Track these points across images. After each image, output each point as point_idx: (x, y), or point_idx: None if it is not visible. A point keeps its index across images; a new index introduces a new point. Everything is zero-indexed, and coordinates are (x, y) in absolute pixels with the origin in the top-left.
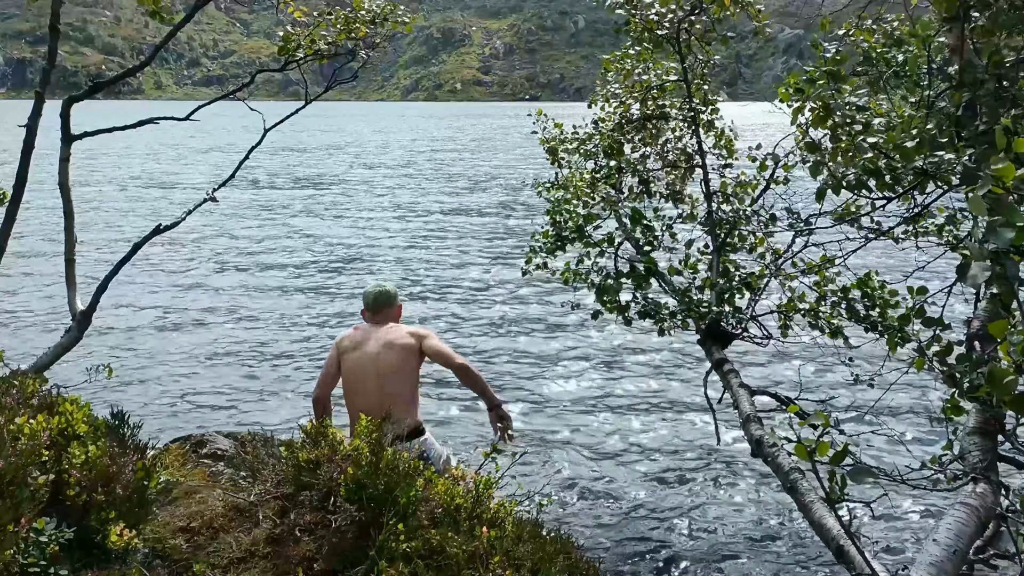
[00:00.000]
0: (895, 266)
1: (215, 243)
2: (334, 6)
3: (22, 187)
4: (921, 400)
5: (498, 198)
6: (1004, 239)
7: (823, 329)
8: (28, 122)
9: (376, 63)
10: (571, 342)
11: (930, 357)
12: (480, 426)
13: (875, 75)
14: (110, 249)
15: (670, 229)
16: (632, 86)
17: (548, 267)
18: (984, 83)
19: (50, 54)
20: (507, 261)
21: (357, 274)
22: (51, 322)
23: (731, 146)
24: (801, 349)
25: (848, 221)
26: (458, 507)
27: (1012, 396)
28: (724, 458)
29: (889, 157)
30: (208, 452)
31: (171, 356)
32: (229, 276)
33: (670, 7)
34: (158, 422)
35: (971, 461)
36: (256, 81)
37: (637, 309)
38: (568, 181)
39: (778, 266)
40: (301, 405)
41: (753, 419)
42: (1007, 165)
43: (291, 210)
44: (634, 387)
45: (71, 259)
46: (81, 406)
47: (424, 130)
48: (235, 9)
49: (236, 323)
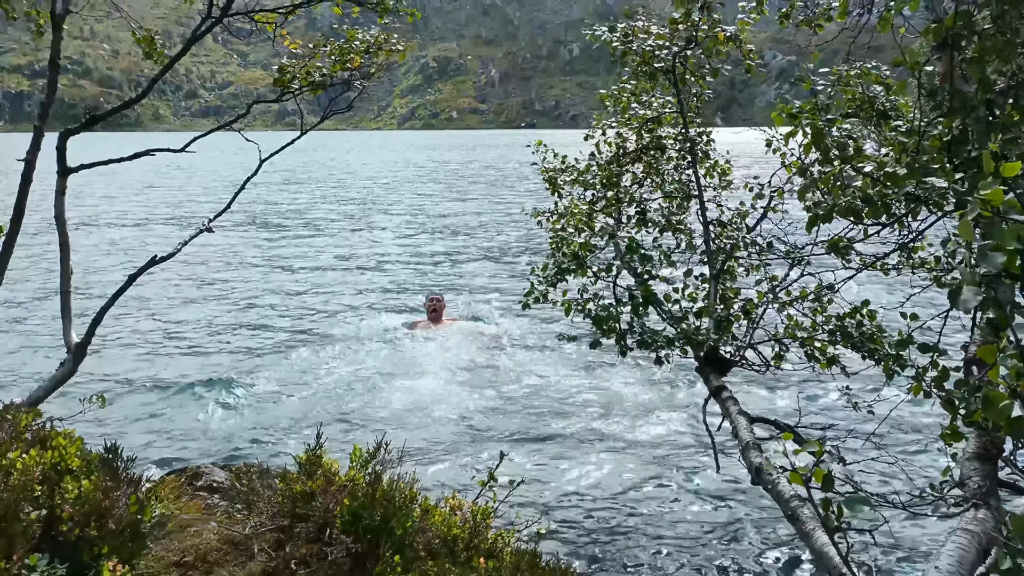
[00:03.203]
0: (891, 292)
1: (210, 273)
2: (330, 37)
3: (19, 220)
4: (920, 425)
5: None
6: (995, 263)
7: (818, 358)
8: (26, 155)
9: (372, 92)
10: (570, 370)
11: (927, 383)
12: (477, 458)
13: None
14: (106, 279)
15: (668, 258)
16: (628, 118)
17: (548, 298)
18: (974, 109)
19: (49, 88)
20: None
21: (351, 302)
22: (47, 354)
23: (726, 175)
24: (800, 375)
25: (840, 252)
26: (455, 537)
27: (1008, 420)
28: (724, 485)
29: (881, 183)
30: (203, 484)
31: (167, 386)
32: (225, 306)
33: (665, 42)
34: (154, 453)
35: (971, 487)
36: (252, 111)
37: (635, 338)
38: (567, 211)
39: (775, 294)
40: (297, 435)
41: (752, 446)
42: (995, 189)
43: (286, 240)
44: (634, 415)
45: (67, 291)
46: (74, 440)
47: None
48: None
49: (232, 353)
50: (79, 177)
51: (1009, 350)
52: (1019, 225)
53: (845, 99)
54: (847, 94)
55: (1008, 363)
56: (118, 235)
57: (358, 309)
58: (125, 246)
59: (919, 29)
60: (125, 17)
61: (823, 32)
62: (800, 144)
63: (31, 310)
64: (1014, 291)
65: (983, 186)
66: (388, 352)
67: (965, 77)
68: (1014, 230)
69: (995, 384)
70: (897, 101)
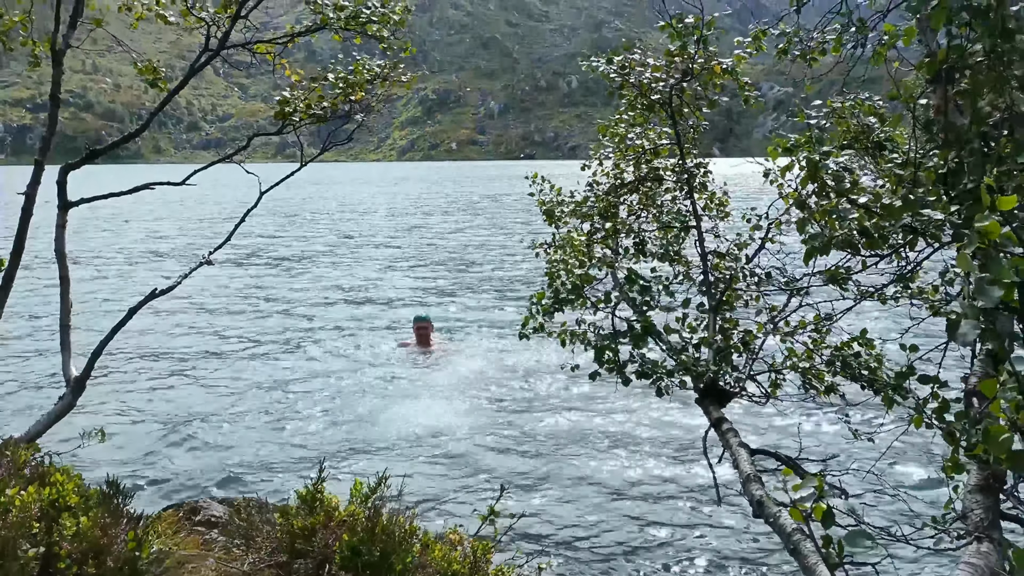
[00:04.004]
0: (890, 323)
1: (209, 306)
2: (333, 65)
3: (19, 253)
4: (922, 455)
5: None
6: (992, 297)
7: (816, 387)
8: (27, 189)
9: (371, 124)
10: (567, 399)
11: (928, 414)
12: (477, 488)
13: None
14: (106, 311)
15: (667, 289)
16: (625, 150)
17: (545, 328)
18: (968, 142)
19: (51, 122)
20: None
21: (348, 333)
22: (46, 387)
23: (724, 206)
24: (801, 405)
25: (838, 283)
26: (455, 573)
27: (1009, 453)
28: (726, 517)
29: (878, 215)
30: (202, 519)
31: (166, 419)
32: (223, 339)
33: (662, 74)
34: (153, 486)
35: (973, 520)
36: (253, 144)
37: (635, 368)
38: (565, 242)
39: (774, 324)
40: (297, 465)
41: (753, 479)
42: (992, 223)
43: (285, 272)
44: (634, 445)
45: (66, 324)
46: (72, 476)
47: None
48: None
49: (231, 385)
50: (79, 210)
51: (1009, 383)
52: (1017, 259)
53: (840, 131)
54: (842, 126)
55: (1008, 396)
56: (118, 268)
57: (355, 338)
58: (125, 279)
59: (912, 62)
60: (127, 51)
61: (817, 65)
62: (796, 176)
63: (30, 343)
64: (1012, 323)
65: (980, 219)
66: (384, 379)
67: (959, 110)
68: (1013, 263)
69: (995, 417)
70: (892, 133)
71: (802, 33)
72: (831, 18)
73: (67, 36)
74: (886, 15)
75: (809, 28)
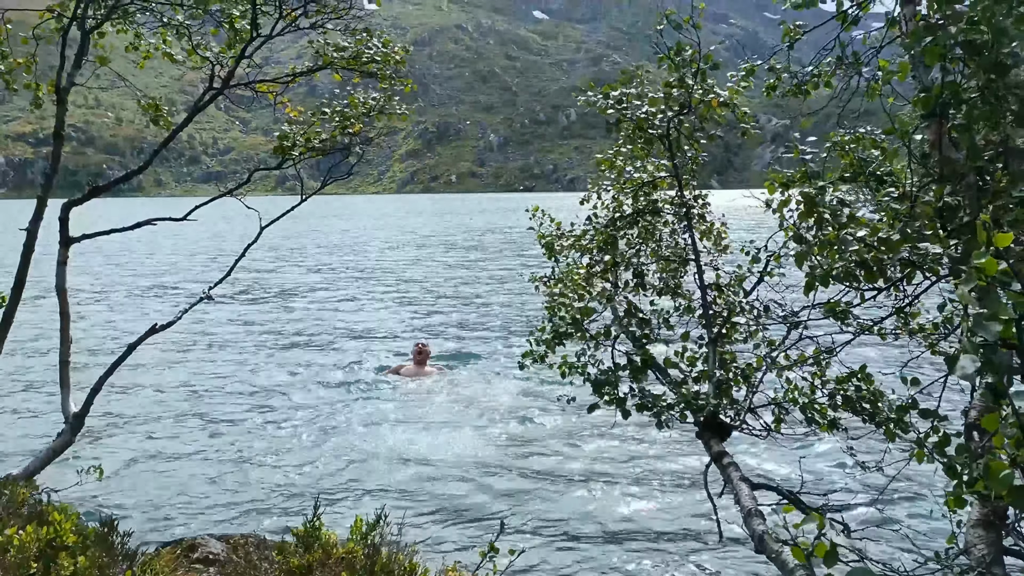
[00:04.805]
0: (890, 354)
1: (208, 341)
2: (331, 100)
3: (20, 290)
4: (923, 489)
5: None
6: (991, 332)
7: (819, 421)
8: (29, 226)
9: (371, 157)
10: (567, 432)
11: (929, 448)
12: (475, 527)
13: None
14: (106, 347)
15: (666, 322)
16: (624, 183)
17: (545, 361)
18: (964, 177)
19: (53, 159)
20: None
21: (347, 371)
22: (44, 423)
23: (723, 239)
24: (802, 440)
25: (837, 316)
26: None
27: (1009, 489)
28: (727, 552)
29: (875, 248)
30: (199, 556)
31: (165, 455)
32: (221, 375)
33: (660, 107)
34: (150, 524)
35: (976, 555)
36: (253, 177)
37: (634, 402)
38: (565, 275)
39: (774, 358)
40: (295, 504)
41: (755, 514)
42: (989, 259)
43: (283, 307)
44: (634, 480)
45: (66, 361)
46: (70, 515)
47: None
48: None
49: (228, 422)
50: (80, 243)
51: (1010, 418)
52: (1014, 295)
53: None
54: (844, 159)
55: (1009, 432)
56: (118, 302)
57: (352, 372)
58: (124, 313)
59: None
60: (129, 87)
61: (811, 98)
62: (794, 210)
63: (30, 378)
64: (1010, 357)
65: (977, 255)
66: (382, 413)
67: (954, 144)
68: (1011, 298)
69: (996, 452)
70: (892, 167)
71: (796, 68)
72: (826, 53)
73: (71, 75)
74: (879, 51)
75: (805, 63)
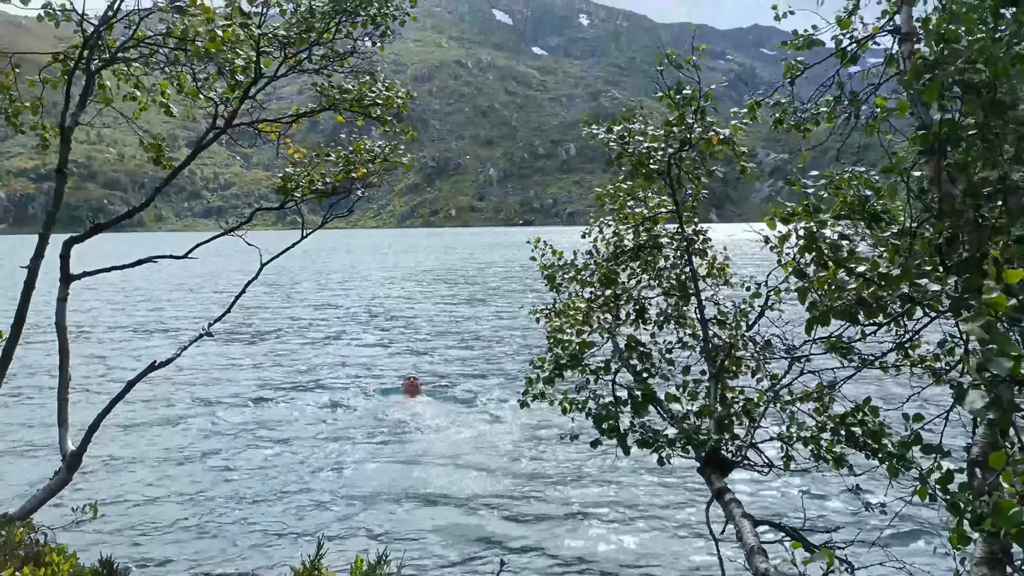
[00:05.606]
0: (889, 394)
1: (207, 378)
2: (332, 143)
3: (20, 326)
4: (927, 526)
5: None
6: (1003, 368)
7: (825, 458)
8: (30, 263)
9: (372, 192)
10: (566, 467)
11: (932, 485)
12: (475, 563)
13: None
14: (105, 383)
15: (668, 356)
16: (625, 217)
17: (546, 396)
18: (962, 214)
19: (56, 197)
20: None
21: (345, 409)
22: (42, 461)
23: (724, 272)
24: (803, 475)
25: (839, 351)
26: None
27: (1018, 527)
28: None
29: (876, 284)
30: None
31: (162, 494)
32: (219, 411)
33: (661, 144)
34: (149, 563)
35: None
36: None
37: (635, 438)
38: (566, 308)
39: (776, 393)
40: (294, 542)
41: (757, 551)
42: (999, 295)
43: (284, 346)
44: (634, 515)
45: (64, 398)
46: (67, 556)
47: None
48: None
49: (226, 461)
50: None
51: (1017, 455)
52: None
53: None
54: (840, 197)
55: (1019, 469)
56: (117, 338)
57: (352, 410)
58: (123, 350)
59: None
60: (132, 125)
61: (812, 135)
62: (794, 245)
63: (28, 415)
64: (1013, 391)
65: (987, 291)
66: (380, 448)
67: (952, 180)
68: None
69: (1004, 490)
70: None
71: (796, 104)
72: (824, 90)
73: (76, 115)
74: (878, 87)
75: (803, 99)
